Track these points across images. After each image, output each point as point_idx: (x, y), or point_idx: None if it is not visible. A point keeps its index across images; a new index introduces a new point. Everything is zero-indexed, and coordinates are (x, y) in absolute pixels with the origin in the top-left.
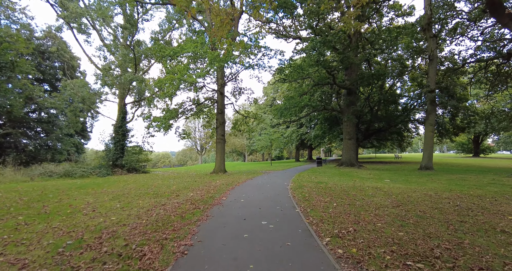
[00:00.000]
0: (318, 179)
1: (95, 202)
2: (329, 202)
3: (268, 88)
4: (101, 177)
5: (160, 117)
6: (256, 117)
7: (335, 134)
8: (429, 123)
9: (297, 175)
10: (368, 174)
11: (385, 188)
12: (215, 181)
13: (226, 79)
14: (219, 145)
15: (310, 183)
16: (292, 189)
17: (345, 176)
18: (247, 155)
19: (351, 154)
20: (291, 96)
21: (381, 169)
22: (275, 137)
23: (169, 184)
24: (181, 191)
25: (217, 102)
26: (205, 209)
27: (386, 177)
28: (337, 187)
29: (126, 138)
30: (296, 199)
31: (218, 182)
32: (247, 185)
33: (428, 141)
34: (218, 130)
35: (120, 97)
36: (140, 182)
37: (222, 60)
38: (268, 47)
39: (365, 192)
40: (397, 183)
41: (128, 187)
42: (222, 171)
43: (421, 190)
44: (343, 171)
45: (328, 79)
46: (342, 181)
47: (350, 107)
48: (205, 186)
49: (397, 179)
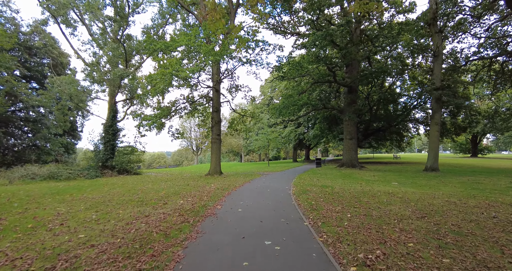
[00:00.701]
0: (321, 182)
1: (67, 212)
2: (342, 212)
3: (265, 87)
4: (88, 179)
5: (151, 115)
6: (253, 116)
7: (334, 134)
8: (434, 122)
9: (297, 177)
10: (372, 176)
11: (398, 193)
12: (209, 184)
13: (222, 76)
14: (215, 145)
15: (314, 187)
16: (296, 194)
17: (349, 178)
18: (243, 155)
19: (352, 155)
20: (289, 94)
21: (383, 170)
22: (273, 137)
23: (159, 188)
24: (170, 197)
25: (213, 100)
26: (195, 222)
27: (392, 179)
28: (345, 192)
29: (116, 138)
30: (302, 208)
31: (213, 186)
32: (244, 190)
33: (434, 140)
34: (214, 129)
35: (110, 95)
36: (128, 186)
37: (217, 54)
38: (266, 41)
39: (378, 199)
40: (407, 186)
41: (112, 191)
42: (217, 172)
43: (440, 195)
44: (345, 172)
45: (328, 77)
46: (347, 184)
47: (351, 105)
48: (198, 191)
49: (405, 182)
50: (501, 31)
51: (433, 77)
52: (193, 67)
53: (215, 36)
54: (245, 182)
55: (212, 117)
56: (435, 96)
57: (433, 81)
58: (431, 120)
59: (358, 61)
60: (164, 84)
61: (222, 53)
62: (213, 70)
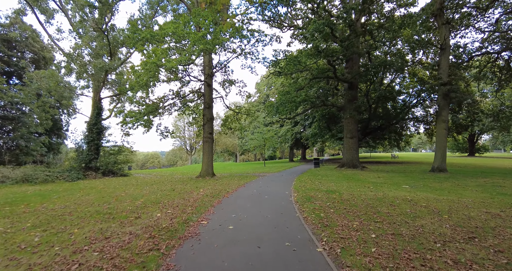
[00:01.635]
0: (325, 186)
1: (3, 233)
2: (362, 229)
3: (261, 84)
4: (68, 181)
5: (135, 111)
6: (248, 113)
7: (333, 133)
8: (442, 119)
9: (297, 179)
10: (377, 178)
11: (420, 201)
12: (198, 189)
13: (214, 69)
14: (207, 144)
15: (318, 192)
16: (299, 202)
17: (353, 180)
18: (238, 155)
19: (353, 154)
20: (286, 91)
21: (385, 170)
22: (269, 136)
23: (139, 195)
24: (147, 208)
25: (204, 95)
26: (168, 249)
27: (400, 181)
28: (356, 199)
29: (101, 137)
30: (310, 223)
31: (201, 192)
32: (238, 196)
33: (441, 139)
34: (206, 127)
35: (95, 91)
36: (107, 190)
37: (209, 43)
38: (262, 31)
39: (399, 208)
40: (422, 191)
41: (82, 199)
42: (209, 174)
43: (471, 204)
44: (346, 173)
45: (328, 72)
46: (355, 189)
47: (351, 102)
48: (183, 198)
49: (416, 185)
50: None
51: (440, 71)
52: (182, 58)
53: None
54: (239, 186)
55: (204, 114)
56: (442, 92)
57: (440, 76)
58: (437, 117)
59: (359, 56)
60: (148, 77)
61: (213, 42)
62: (204, 62)
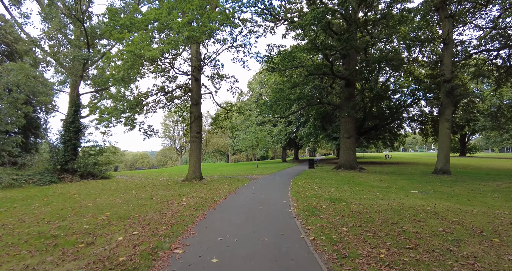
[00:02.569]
0: (326, 192)
1: None
2: (394, 263)
3: (253, 83)
4: (40, 186)
5: (111, 107)
6: (240, 111)
7: (329, 132)
8: (445, 118)
9: (293, 183)
10: (379, 181)
11: (448, 214)
12: (181, 197)
13: (202, 63)
14: (194, 144)
15: (321, 200)
16: (301, 216)
17: (354, 184)
18: (230, 155)
19: (350, 155)
20: (280, 88)
21: (384, 172)
22: (261, 136)
23: (108, 205)
24: (110, 226)
25: (191, 90)
26: None
27: (405, 185)
28: (369, 210)
29: (80, 136)
30: (321, 251)
31: (184, 201)
32: (227, 207)
33: (444, 139)
34: (193, 126)
35: (72, 86)
36: (76, 198)
37: (195, 30)
38: (255, 21)
39: (427, 225)
40: (437, 198)
41: (36, 212)
42: (197, 177)
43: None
44: (345, 175)
45: (324, 69)
46: (360, 195)
47: (349, 100)
48: (160, 211)
49: (424, 189)
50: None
51: (442, 68)
52: (165, 46)
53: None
54: (229, 192)
55: (191, 111)
56: (445, 89)
57: (443, 72)
58: (439, 116)
59: (356, 51)
60: (126, 68)
61: (201, 29)
62: (191, 53)
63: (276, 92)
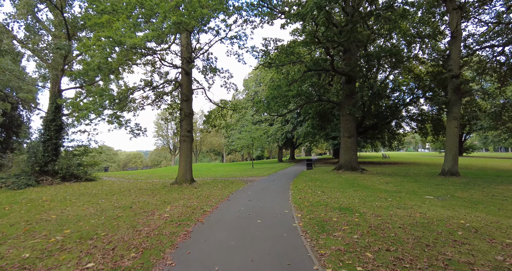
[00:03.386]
0: (332, 198)
1: None
2: None
3: (249, 81)
4: (13, 190)
5: (90, 102)
6: (235, 108)
7: (327, 131)
8: (453, 116)
9: (293, 186)
10: (385, 184)
11: (493, 232)
12: (165, 206)
13: (194, 54)
14: (185, 144)
15: (329, 209)
16: (309, 233)
17: (359, 187)
18: (225, 155)
19: (351, 155)
20: (277, 85)
21: (387, 173)
22: (257, 135)
23: (74, 218)
24: (57, 255)
25: (181, 85)
26: None
27: (413, 188)
28: (390, 225)
29: (62, 135)
30: None
31: (167, 212)
32: (218, 221)
33: (452, 139)
34: (183, 124)
35: (53, 81)
36: (43, 207)
37: (185, 15)
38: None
39: (475, 250)
40: (460, 205)
41: None
42: (187, 180)
43: None
44: (347, 177)
45: (324, 64)
46: (371, 202)
47: (349, 98)
48: (134, 226)
49: (440, 194)
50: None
51: (450, 63)
52: (150, 33)
53: None
54: (221, 199)
55: (181, 108)
56: (453, 85)
57: (450, 67)
58: (447, 115)
59: (357, 46)
60: (103, 57)
61: (191, 15)
62: (181, 43)
63: (273, 89)
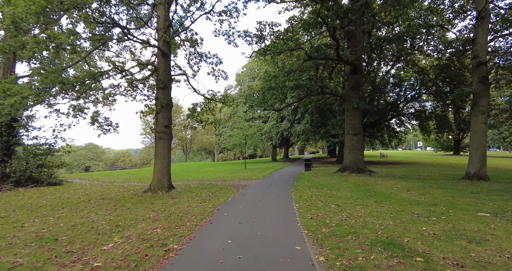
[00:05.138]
0: (356, 219)
1: None
2: None
3: (242, 75)
4: None
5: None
6: (225, 100)
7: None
8: (480, 111)
9: (296, 196)
10: (405, 190)
11: None
12: (109, 238)
13: (172, 32)
14: (161, 142)
15: (364, 245)
16: None
17: (381, 197)
18: (216, 154)
19: (357, 156)
20: (273, 75)
21: (397, 175)
22: (250, 133)
23: None
24: None
25: (157, 69)
26: None
27: (445, 197)
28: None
29: (16, 132)
30: None
31: (103, 256)
32: None
33: (479, 136)
34: (159, 117)
35: (4, 66)
36: None
37: None
38: None
39: None
40: None
41: None
42: (163, 187)
43: None
44: (356, 182)
45: (326, 51)
46: (412, 224)
47: (355, 90)
48: None
49: (495, 210)
50: None
51: (476, 48)
52: None
53: None
54: (201, 220)
55: (157, 97)
56: (480, 73)
57: (476, 53)
58: (472, 109)
59: (363, 31)
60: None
61: None
62: (158, 17)
63: (269, 80)
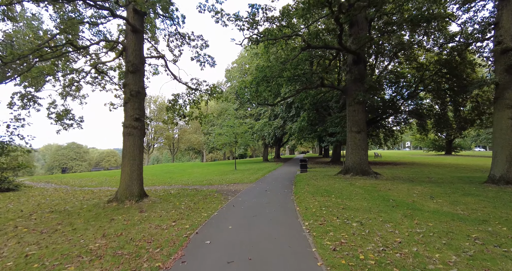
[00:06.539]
0: (395, 247)
1: None
2: None
3: (232, 71)
4: None
5: None
6: (213, 92)
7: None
8: (505, 104)
9: (300, 206)
10: (428, 198)
11: None
12: None
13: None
14: (130, 139)
15: None
16: None
17: (405, 208)
18: (205, 154)
19: (361, 155)
20: (268, 65)
21: (405, 177)
22: (241, 131)
23: None
24: None
25: (127, 49)
26: None
27: (481, 207)
28: None
29: None
30: None
31: None
32: None
33: (505, 133)
34: (128, 108)
35: None
36: None
37: None
38: None
39: None
40: None
41: None
42: (133, 195)
43: None
44: (364, 186)
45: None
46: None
47: (358, 82)
48: None
49: None
50: None
51: (500, 33)
52: None
53: None
54: (175, 250)
55: (126, 83)
56: (505, 62)
57: (501, 39)
58: (495, 102)
59: (366, 18)
60: None
61: None
62: None
63: (263, 70)
